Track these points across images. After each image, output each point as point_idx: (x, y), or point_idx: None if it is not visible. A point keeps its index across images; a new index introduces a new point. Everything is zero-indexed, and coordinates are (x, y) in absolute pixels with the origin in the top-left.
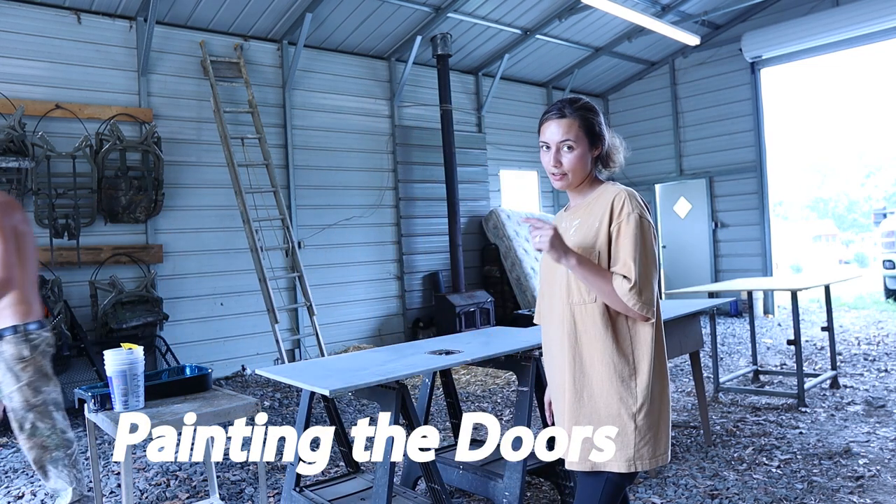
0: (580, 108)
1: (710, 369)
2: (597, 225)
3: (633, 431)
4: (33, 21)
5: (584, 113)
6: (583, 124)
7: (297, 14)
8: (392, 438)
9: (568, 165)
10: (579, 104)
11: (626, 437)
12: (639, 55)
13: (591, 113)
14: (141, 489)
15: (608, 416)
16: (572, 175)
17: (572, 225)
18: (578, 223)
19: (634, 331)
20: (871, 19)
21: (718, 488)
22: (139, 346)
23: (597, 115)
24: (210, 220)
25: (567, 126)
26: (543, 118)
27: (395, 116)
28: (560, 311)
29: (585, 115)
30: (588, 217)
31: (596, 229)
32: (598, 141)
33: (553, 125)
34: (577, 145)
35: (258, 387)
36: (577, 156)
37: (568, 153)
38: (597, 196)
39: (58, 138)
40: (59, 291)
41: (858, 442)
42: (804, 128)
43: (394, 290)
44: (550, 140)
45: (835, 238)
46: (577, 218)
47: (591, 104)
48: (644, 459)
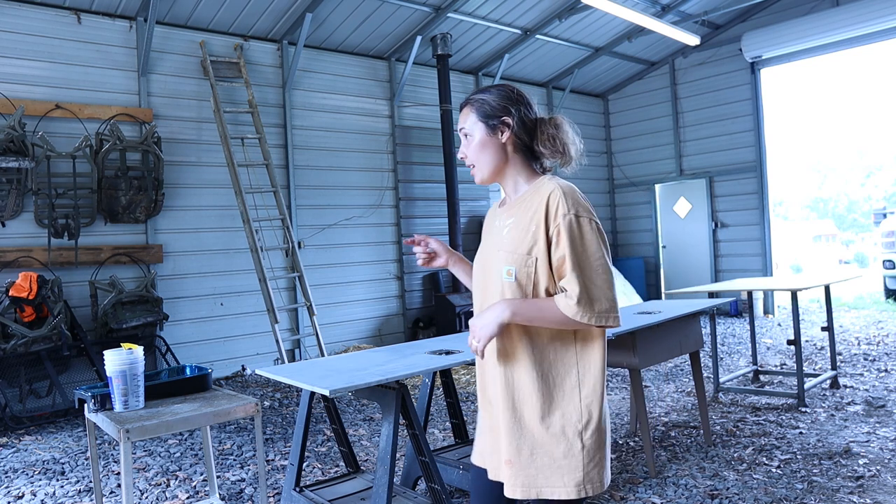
0: (477, 93)
1: (710, 369)
2: (533, 228)
3: (581, 452)
4: (33, 21)
5: (479, 96)
6: (477, 109)
7: (297, 14)
8: (392, 438)
9: (471, 156)
10: (480, 89)
11: (573, 458)
12: (639, 55)
13: (487, 94)
14: (141, 489)
15: (552, 437)
16: (478, 166)
17: (505, 224)
18: (512, 222)
19: (581, 337)
20: (871, 19)
21: (718, 488)
22: (139, 346)
23: (496, 97)
24: (210, 220)
25: (464, 115)
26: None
27: (395, 116)
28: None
29: (479, 97)
30: (522, 216)
31: (532, 233)
32: (499, 124)
33: (460, 116)
34: (472, 132)
35: (258, 387)
36: (476, 145)
37: (467, 143)
38: (532, 192)
39: (58, 138)
40: (59, 291)
41: (858, 442)
42: (804, 128)
43: (394, 290)
44: (459, 130)
45: (835, 238)
46: (510, 216)
47: (498, 86)
48: (594, 482)
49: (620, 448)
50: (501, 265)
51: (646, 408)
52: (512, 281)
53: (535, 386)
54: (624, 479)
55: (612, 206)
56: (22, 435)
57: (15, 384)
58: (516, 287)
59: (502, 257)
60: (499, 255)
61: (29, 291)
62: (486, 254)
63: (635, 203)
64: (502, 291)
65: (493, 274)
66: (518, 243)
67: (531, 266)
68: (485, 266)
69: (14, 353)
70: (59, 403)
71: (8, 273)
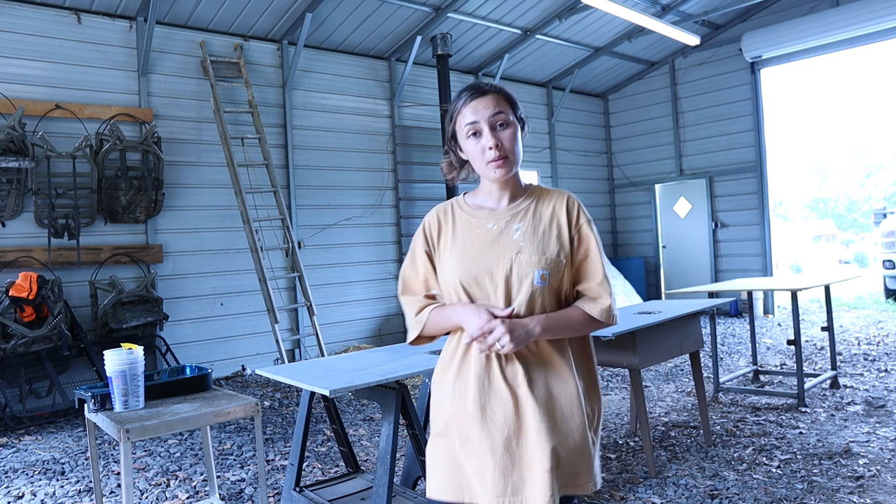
0: (501, 87)
1: (710, 369)
2: (555, 232)
3: (594, 447)
4: (33, 21)
5: (506, 91)
6: (509, 101)
7: (297, 14)
8: (392, 438)
9: (508, 145)
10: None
11: (591, 453)
12: (639, 55)
13: (511, 92)
14: (141, 489)
15: (581, 435)
16: (513, 157)
17: (514, 228)
18: (524, 226)
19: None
20: (871, 19)
21: (718, 488)
22: (139, 346)
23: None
24: (210, 220)
25: (497, 101)
26: (461, 104)
27: (395, 116)
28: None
29: (508, 92)
30: (536, 221)
31: (556, 237)
32: (523, 124)
33: (477, 102)
34: (509, 121)
35: (258, 387)
36: (513, 134)
37: (503, 130)
38: (534, 198)
39: (58, 138)
40: (59, 291)
41: (858, 442)
42: (804, 128)
43: (394, 290)
44: (481, 117)
45: (835, 238)
46: (518, 220)
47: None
48: (598, 475)
49: (620, 448)
50: (531, 268)
51: (646, 408)
52: (545, 285)
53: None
54: (624, 479)
55: (612, 206)
56: (22, 435)
57: (15, 384)
58: (547, 291)
59: (532, 261)
60: (521, 259)
61: (29, 291)
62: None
63: (635, 203)
64: (532, 296)
65: (516, 279)
66: (545, 247)
67: (562, 270)
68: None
69: (14, 353)
70: (59, 403)
71: (8, 273)
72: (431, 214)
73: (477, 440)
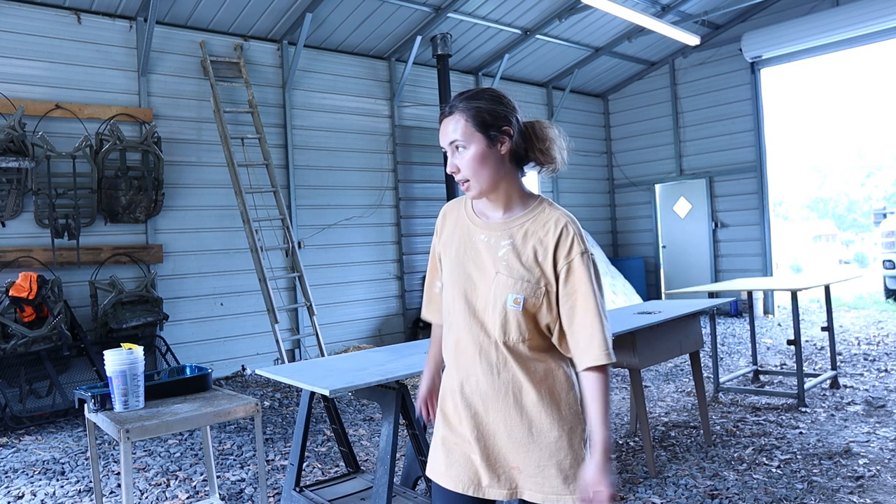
0: (468, 99)
1: (710, 369)
2: (539, 258)
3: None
4: (33, 21)
5: (472, 103)
6: (472, 117)
7: (297, 14)
8: (392, 438)
9: (466, 169)
10: (469, 94)
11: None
12: (639, 55)
13: (481, 101)
14: (141, 489)
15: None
16: (476, 180)
17: (499, 244)
18: (510, 244)
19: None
20: (871, 19)
21: (718, 488)
22: (139, 346)
23: (492, 104)
24: (210, 220)
25: (452, 124)
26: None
27: (395, 116)
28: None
29: (473, 104)
30: (524, 241)
31: (540, 262)
32: (499, 134)
33: (444, 125)
34: (469, 143)
35: (258, 387)
36: (473, 156)
37: (461, 154)
38: (532, 215)
39: (58, 138)
40: (59, 291)
41: (858, 442)
42: (804, 128)
43: (394, 290)
44: (443, 143)
45: (835, 238)
46: (505, 237)
47: (488, 91)
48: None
49: (620, 448)
50: (506, 291)
51: (646, 408)
52: (519, 310)
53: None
54: (624, 479)
55: (612, 206)
56: (22, 435)
57: (15, 384)
58: (522, 316)
59: (507, 283)
60: (499, 280)
61: (29, 291)
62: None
63: (635, 203)
64: (505, 319)
65: (492, 299)
66: (524, 270)
67: (539, 297)
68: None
69: (14, 353)
70: (59, 403)
71: (8, 273)
72: (445, 207)
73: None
